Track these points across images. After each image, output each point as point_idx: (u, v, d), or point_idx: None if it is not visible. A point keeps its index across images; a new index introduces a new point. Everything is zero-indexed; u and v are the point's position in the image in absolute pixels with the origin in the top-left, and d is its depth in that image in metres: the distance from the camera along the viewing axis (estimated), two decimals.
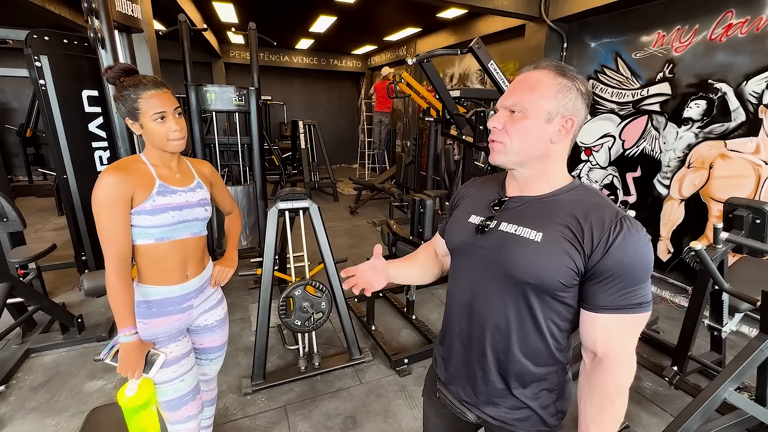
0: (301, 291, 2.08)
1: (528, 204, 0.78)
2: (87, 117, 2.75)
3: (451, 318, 0.90)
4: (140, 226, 1.09)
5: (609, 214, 0.70)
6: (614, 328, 0.71)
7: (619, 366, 0.72)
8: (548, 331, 0.77)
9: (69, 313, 2.44)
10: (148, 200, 1.08)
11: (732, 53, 2.76)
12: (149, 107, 1.06)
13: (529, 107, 0.72)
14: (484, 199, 0.86)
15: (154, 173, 1.12)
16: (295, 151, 7.05)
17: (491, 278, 0.79)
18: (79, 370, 2.21)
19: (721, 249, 1.78)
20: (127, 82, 1.07)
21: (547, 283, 0.72)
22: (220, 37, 7.43)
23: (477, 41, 2.12)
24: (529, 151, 0.75)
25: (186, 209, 1.16)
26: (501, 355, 0.80)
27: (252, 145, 3.26)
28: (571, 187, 0.77)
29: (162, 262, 1.14)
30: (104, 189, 1.02)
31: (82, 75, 2.66)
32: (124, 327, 1.07)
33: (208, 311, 1.33)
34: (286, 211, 2.19)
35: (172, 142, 1.11)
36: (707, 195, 2.98)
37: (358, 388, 2.13)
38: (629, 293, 0.69)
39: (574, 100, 0.72)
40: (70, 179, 2.72)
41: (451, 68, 6.03)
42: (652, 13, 3.25)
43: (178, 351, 1.21)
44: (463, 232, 0.85)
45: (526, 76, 0.76)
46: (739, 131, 2.75)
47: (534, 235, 0.73)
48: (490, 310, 0.80)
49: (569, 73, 0.73)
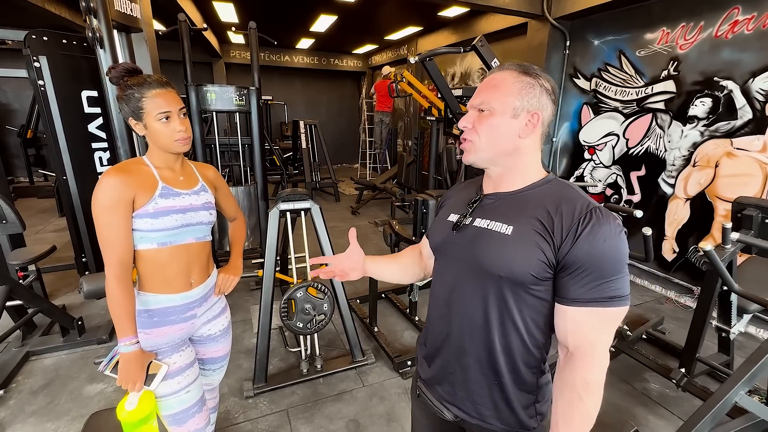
0: (303, 293, 2.05)
1: (502, 199, 0.80)
2: (87, 118, 2.72)
3: (432, 316, 0.91)
4: (142, 230, 1.05)
5: (580, 205, 0.70)
6: (585, 322, 0.70)
7: (590, 361, 0.71)
8: (525, 327, 0.76)
9: (69, 316, 2.42)
10: (151, 203, 1.05)
11: (738, 50, 2.72)
12: (153, 107, 1.04)
13: (495, 104, 0.75)
14: (462, 199, 0.88)
15: (157, 175, 1.10)
16: (296, 151, 7.03)
17: (467, 274, 0.80)
18: (79, 373, 2.19)
19: (730, 249, 1.75)
20: (131, 81, 1.05)
21: (518, 275, 0.72)
22: (220, 37, 7.41)
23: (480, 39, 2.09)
24: (498, 148, 0.76)
25: (190, 212, 1.13)
26: (479, 352, 0.80)
27: (253, 145, 3.23)
28: (545, 181, 0.78)
29: (164, 269, 1.11)
30: (104, 191, 0.99)
31: (81, 75, 2.63)
32: (125, 336, 1.03)
33: (212, 320, 1.30)
34: (287, 212, 2.16)
35: (178, 143, 1.09)
36: (713, 194, 2.95)
37: (360, 391, 2.11)
38: (600, 286, 0.67)
39: (539, 96, 0.74)
40: (70, 180, 2.70)
41: (453, 67, 6.00)
42: (656, 10, 3.21)
43: (182, 361, 1.17)
44: (443, 231, 0.87)
45: (491, 77, 0.79)
46: (746, 129, 2.72)
47: (504, 229, 0.75)
48: (467, 306, 0.80)
49: (532, 72, 0.75)
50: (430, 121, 5.24)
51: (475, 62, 5.56)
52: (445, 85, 2.88)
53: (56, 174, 2.80)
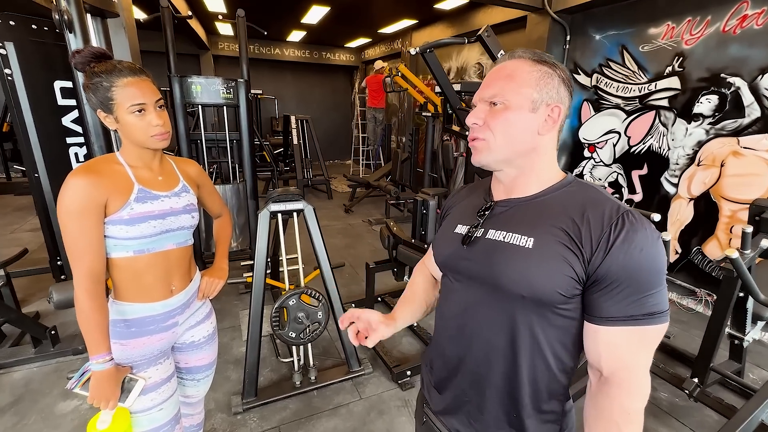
0: (296, 300, 1.91)
1: (516, 207, 0.70)
2: (60, 110, 2.52)
3: (440, 338, 0.81)
4: (116, 238, 0.95)
5: (609, 209, 0.61)
6: (622, 343, 0.61)
7: (629, 388, 0.61)
8: (551, 351, 0.67)
9: (41, 325, 2.23)
10: (125, 208, 0.94)
11: (747, 46, 2.64)
12: (125, 98, 0.91)
13: (511, 97, 0.66)
14: (470, 207, 0.79)
15: (133, 176, 0.98)
16: (287, 147, 6.83)
17: (481, 294, 0.70)
18: (51, 388, 2.01)
19: (750, 255, 1.66)
20: (99, 68, 0.92)
21: (543, 295, 0.62)
22: (208, 28, 7.15)
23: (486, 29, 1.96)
24: (515, 147, 0.67)
25: (170, 217, 1.02)
26: (497, 380, 0.71)
27: (242, 140, 3.07)
28: (564, 183, 0.69)
29: (142, 277, 1.00)
30: (71, 195, 0.88)
31: (54, 64, 2.43)
32: (97, 353, 0.93)
33: (195, 326, 1.20)
34: (278, 213, 2.01)
35: (154, 139, 0.96)
36: (718, 194, 2.88)
37: (358, 404, 1.98)
38: (638, 301, 0.59)
39: (557, 87, 0.66)
40: (43, 178, 2.50)
41: (448, 61, 5.86)
42: (660, 3, 3.11)
43: (158, 376, 1.07)
44: (450, 245, 0.77)
45: (501, 66, 0.69)
46: (754, 128, 2.64)
47: (524, 241, 0.65)
48: (483, 330, 0.71)
49: (548, 60, 0.67)
50: (426, 117, 5.11)
51: (471, 57, 5.43)
52: (445, 79, 2.75)
53: (27, 171, 2.60)
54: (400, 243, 2.35)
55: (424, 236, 2.36)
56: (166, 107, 1.00)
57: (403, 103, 7.40)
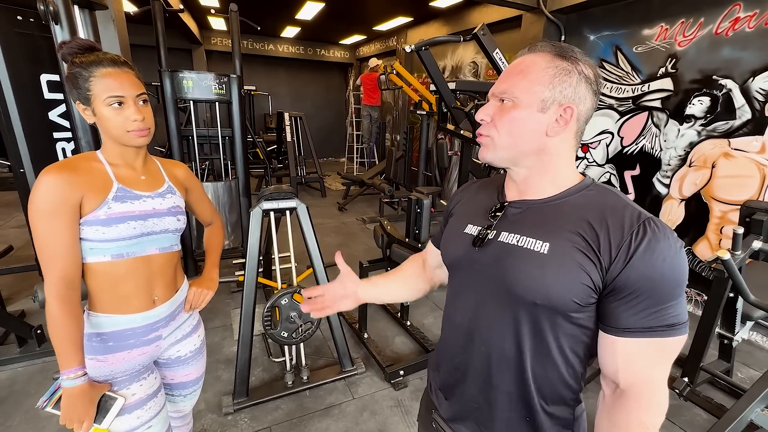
0: (288, 299, 1.89)
1: (530, 209, 0.68)
2: (47, 104, 2.46)
3: (448, 343, 0.79)
4: (92, 240, 0.88)
5: (629, 216, 0.59)
6: (640, 355, 0.58)
7: (648, 402, 0.59)
8: (563, 359, 0.65)
9: (26, 324, 2.18)
10: (102, 207, 0.88)
11: (738, 48, 2.66)
12: (102, 89, 0.86)
13: (520, 95, 0.63)
14: (481, 206, 0.76)
15: (112, 174, 0.92)
16: (281, 145, 6.77)
17: (492, 298, 0.68)
18: (37, 388, 1.97)
19: (740, 256, 1.67)
20: (80, 59, 0.88)
21: (558, 302, 0.60)
22: (200, 23, 7.05)
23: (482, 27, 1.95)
24: (520, 147, 0.65)
25: (152, 218, 0.96)
26: (507, 386, 0.69)
27: (234, 137, 3.03)
28: (582, 186, 0.66)
29: (120, 285, 0.94)
30: (43, 193, 0.82)
31: (40, 57, 2.37)
32: (68, 368, 0.85)
33: (182, 341, 1.12)
34: (271, 211, 1.98)
35: (132, 134, 0.90)
36: (709, 195, 2.91)
37: (350, 404, 1.97)
38: (657, 313, 0.56)
39: (575, 85, 0.62)
40: (29, 174, 2.43)
41: (443, 60, 5.84)
42: (654, 5, 3.13)
43: (143, 392, 1.00)
44: (460, 246, 0.74)
45: (519, 60, 0.66)
46: (744, 129, 2.67)
47: (539, 246, 0.62)
48: (492, 336, 0.69)
49: (570, 55, 0.62)
50: (421, 116, 5.09)
51: (466, 55, 5.42)
52: (440, 77, 2.74)
53: (13, 166, 2.53)
54: (394, 242, 2.33)
55: (418, 235, 2.35)
56: (149, 102, 0.95)
57: (398, 101, 7.38)
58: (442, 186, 5.86)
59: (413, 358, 2.25)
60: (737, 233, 1.65)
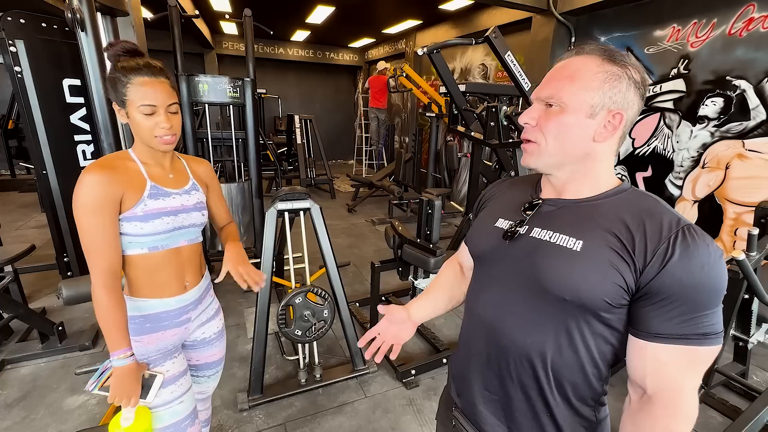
0: (302, 298, 1.92)
1: (565, 207, 0.68)
2: (69, 108, 2.54)
3: (469, 336, 0.79)
4: (131, 234, 0.96)
5: (668, 221, 0.58)
6: (671, 362, 0.58)
7: (675, 410, 0.58)
8: (589, 358, 0.64)
9: (48, 321, 2.25)
10: (139, 204, 0.95)
11: (753, 49, 2.64)
12: (137, 96, 0.92)
13: (569, 100, 0.62)
14: (513, 202, 0.76)
15: (145, 173, 0.99)
16: (291, 147, 6.84)
17: (520, 293, 0.68)
18: (59, 383, 2.03)
19: (756, 257, 1.66)
20: (122, 63, 0.93)
21: (588, 300, 0.60)
22: (212, 27, 7.17)
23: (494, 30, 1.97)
24: (567, 152, 0.65)
25: (182, 214, 1.04)
26: (529, 383, 0.68)
27: (248, 139, 3.08)
28: (620, 190, 0.66)
29: (157, 273, 1.02)
30: (88, 191, 0.88)
31: (62, 62, 2.45)
32: (118, 348, 0.93)
33: (206, 323, 1.21)
34: (285, 211, 2.02)
35: (159, 140, 0.97)
36: (722, 196, 2.88)
37: (363, 402, 1.99)
38: (692, 320, 0.56)
39: (625, 90, 0.61)
40: (51, 175, 2.52)
41: (452, 62, 5.86)
42: (666, 6, 3.12)
43: (175, 369, 1.08)
44: (489, 238, 0.74)
45: (566, 63, 0.65)
46: (759, 130, 2.65)
47: (572, 243, 0.62)
48: (516, 331, 0.68)
49: (619, 59, 0.61)
50: (430, 118, 5.12)
51: (476, 58, 5.44)
52: (451, 80, 2.76)
53: (35, 168, 2.62)
54: (405, 243, 2.36)
55: (430, 236, 2.37)
56: (181, 112, 1.02)
57: (407, 104, 7.41)
58: (451, 188, 5.87)
59: (424, 358, 2.27)
60: (752, 234, 1.64)
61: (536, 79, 3.96)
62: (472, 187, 3.03)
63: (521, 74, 2.09)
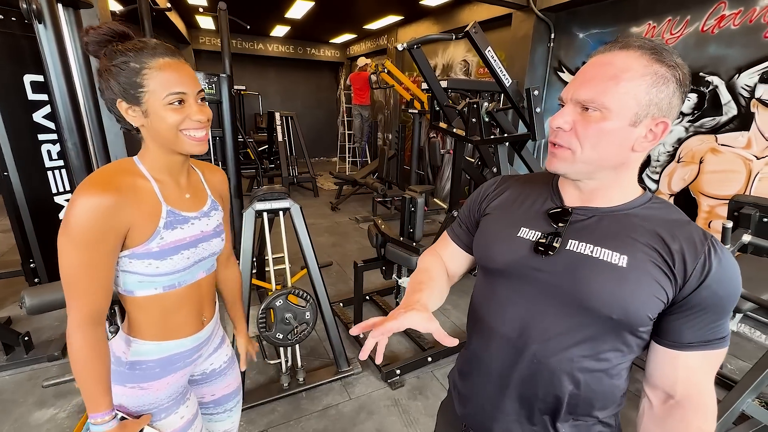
0: (283, 301, 1.87)
1: (599, 217, 0.63)
2: (31, 105, 2.40)
3: (485, 353, 0.72)
4: (143, 274, 0.76)
5: (697, 234, 0.59)
6: (699, 367, 0.60)
7: (705, 411, 0.61)
8: (617, 371, 0.64)
9: (13, 331, 2.13)
10: (154, 238, 0.75)
11: (724, 45, 2.71)
12: (161, 84, 0.70)
13: (612, 105, 0.55)
14: (533, 207, 0.70)
15: (160, 194, 0.77)
16: (272, 145, 6.72)
17: (554, 310, 0.63)
18: (25, 396, 1.92)
19: (729, 249, 1.70)
20: (125, 47, 0.71)
21: (634, 317, 0.58)
22: (188, 22, 6.96)
23: (474, 25, 1.95)
24: (603, 161, 0.60)
25: (202, 244, 0.84)
26: (559, 403, 0.66)
27: (225, 137, 2.99)
28: (646, 199, 0.64)
29: (173, 314, 0.84)
30: (82, 219, 0.66)
31: (23, 57, 2.31)
32: (96, 412, 0.74)
33: (213, 353, 1.02)
34: (264, 212, 1.96)
35: (188, 139, 0.75)
36: (697, 190, 2.96)
37: (347, 404, 1.96)
38: (716, 326, 0.58)
39: (671, 96, 0.55)
40: (13, 177, 2.37)
41: (434, 58, 5.85)
42: (642, 3, 3.17)
43: (189, 413, 0.92)
44: (514, 250, 0.67)
45: (608, 58, 0.57)
46: (731, 125, 2.72)
47: (618, 259, 0.59)
48: (550, 351, 0.64)
49: (668, 58, 0.55)
50: (412, 114, 5.10)
51: (457, 54, 5.43)
52: (432, 75, 2.74)
53: None
54: (388, 241, 2.33)
55: (413, 234, 2.34)
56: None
57: (390, 100, 7.37)
58: (435, 184, 5.88)
59: (409, 357, 2.25)
60: (726, 227, 1.67)
61: (517, 76, 3.98)
62: (455, 183, 3.02)
63: (501, 70, 2.08)
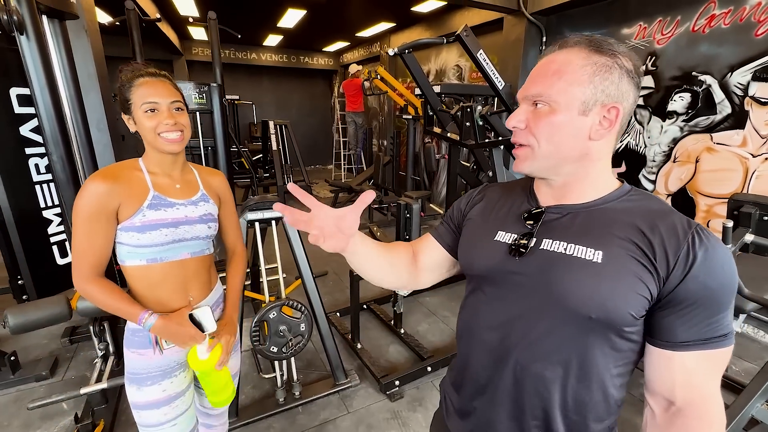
0: (277, 313, 1.82)
1: (573, 214, 0.62)
2: (18, 119, 2.35)
3: (472, 364, 0.71)
4: (128, 245, 0.96)
5: (680, 222, 0.56)
6: (698, 369, 0.56)
7: (710, 419, 0.56)
8: (609, 377, 0.60)
9: None
10: (137, 215, 0.94)
11: (716, 45, 2.71)
12: (139, 96, 0.93)
13: (558, 97, 0.58)
14: (510, 211, 0.69)
15: (150, 182, 0.98)
16: (267, 154, 6.69)
17: (533, 314, 0.62)
18: (11, 419, 1.86)
19: (731, 249, 1.67)
20: (123, 75, 0.96)
21: (615, 316, 0.55)
22: (180, 33, 6.95)
23: (465, 29, 1.94)
24: (562, 154, 0.60)
25: (184, 226, 1.01)
26: (547, 411, 0.63)
27: (216, 147, 2.96)
28: (623, 191, 0.62)
29: (157, 287, 1.01)
30: (86, 199, 0.91)
31: (9, 69, 2.26)
32: (138, 315, 0.95)
33: None
34: (256, 221, 1.92)
35: (163, 139, 0.95)
36: (694, 189, 2.94)
37: (345, 418, 1.90)
38: (714, 323, 0.54)
39: (617, 81, 0.57)
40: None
41: (427, 64, 5.86)
42: (632, 4, 3.18)
43: (173, 389, 1.05)
44: (491, 255, 0.67)
45: (550, 58, 0.60)
46: (725, 124, 2.71)
47: (592, 254, 0.57)
48: (530, 355, 0.62)
49: (607, 48, 0.57)
50: (407, 120, 5.09)
51: (450, 59, 5.45)
52: (425, 80, 2.72)
53: None
54: None
55: (408, 240, 2.30)
56: (185, 111, 1.00)
57: (384, 106, 7.38)
58: (431, 190, 5.85)
59: (409, 367, 2.20)
60: (727, 227, 1.64)
61: (510, 79, 3.98)
62: (451, 188, 2.99)
63: (494, 72, 2.06)
